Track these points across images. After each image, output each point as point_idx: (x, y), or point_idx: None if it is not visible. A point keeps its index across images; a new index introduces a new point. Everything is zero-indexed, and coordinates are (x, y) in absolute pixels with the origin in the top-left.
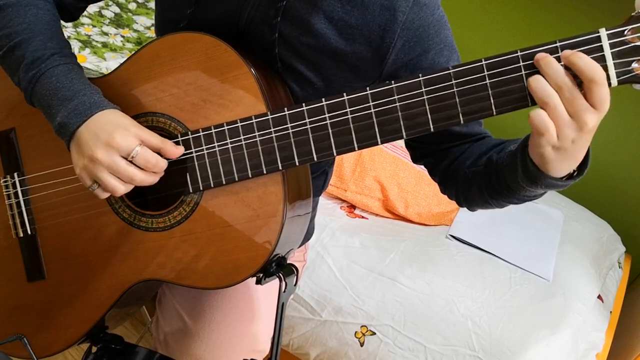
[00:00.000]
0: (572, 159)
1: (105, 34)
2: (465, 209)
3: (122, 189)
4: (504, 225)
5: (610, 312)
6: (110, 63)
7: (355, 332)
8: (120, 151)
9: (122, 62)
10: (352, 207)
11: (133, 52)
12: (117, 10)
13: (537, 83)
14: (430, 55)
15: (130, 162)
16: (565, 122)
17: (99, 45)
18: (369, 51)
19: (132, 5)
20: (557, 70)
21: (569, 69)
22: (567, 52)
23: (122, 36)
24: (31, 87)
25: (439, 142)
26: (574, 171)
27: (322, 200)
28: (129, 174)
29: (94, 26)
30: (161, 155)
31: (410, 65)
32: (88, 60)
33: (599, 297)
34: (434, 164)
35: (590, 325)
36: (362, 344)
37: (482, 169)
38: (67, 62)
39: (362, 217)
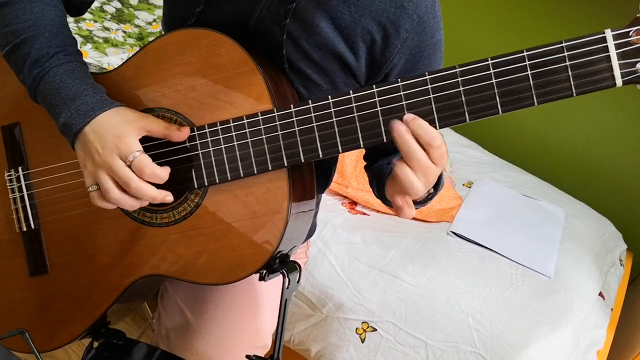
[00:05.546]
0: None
1: (107, 29)
2: (467, 205)
3: (117, 193)
4: (505, 222)
5: (612, 309)
6: (111, 58)
7: (357, 328)
8: (120, 154)
9: (125, 57)
10: (354, 203)
11: (135, 47)
12: (119, 5)
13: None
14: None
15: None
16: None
17: (100, 41)
18: (369, 60)
19: (134, 1)
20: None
21: None
22: (408, 116)
23: (124, 31)
24: (35, 86)
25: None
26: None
27: (324, 196)
28: (126, 177)
29: (95, 21)
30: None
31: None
32: (90, 56)
33: (600, 294)
34: (372, 162)
35: (592, 322)
36: (363, 340)
37: (377, 170)
38: (71, 60)
39: (364, 214)
